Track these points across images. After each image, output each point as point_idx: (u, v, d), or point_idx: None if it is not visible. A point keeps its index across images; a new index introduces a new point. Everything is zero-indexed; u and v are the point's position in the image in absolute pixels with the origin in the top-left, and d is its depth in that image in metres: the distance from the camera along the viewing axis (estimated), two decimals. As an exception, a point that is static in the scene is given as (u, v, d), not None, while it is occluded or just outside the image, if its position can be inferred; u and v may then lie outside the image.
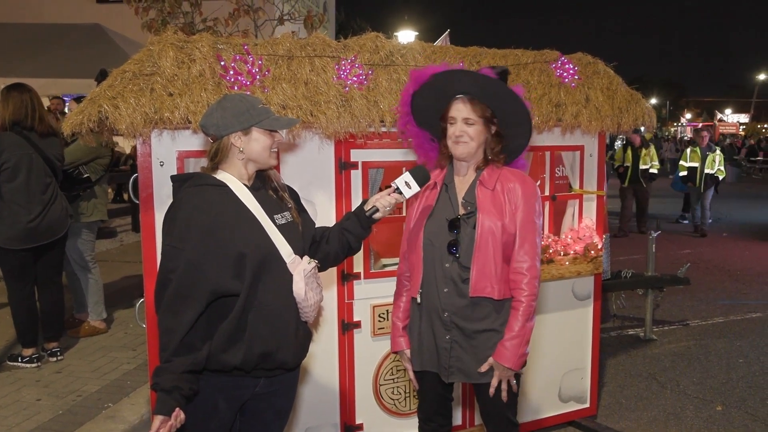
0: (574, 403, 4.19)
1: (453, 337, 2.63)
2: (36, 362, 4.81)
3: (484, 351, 2.60)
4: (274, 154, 2.39)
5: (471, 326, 2.61)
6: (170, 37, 2.97)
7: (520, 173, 2.69)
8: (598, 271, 4.03)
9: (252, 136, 2.31)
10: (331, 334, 3.43)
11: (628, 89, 3.96)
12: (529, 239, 2.57)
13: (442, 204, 2.69)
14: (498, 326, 2.60)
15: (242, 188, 2.32)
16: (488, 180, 2.63)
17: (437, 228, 2.65)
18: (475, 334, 2.61)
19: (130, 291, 6.88)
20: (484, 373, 2.61)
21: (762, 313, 7.03)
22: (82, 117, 2.73)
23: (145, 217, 2.97)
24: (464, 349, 2.62)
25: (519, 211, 2.57)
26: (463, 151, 2.61)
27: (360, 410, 3.56)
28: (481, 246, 2.55)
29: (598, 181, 4.07)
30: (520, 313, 2.55)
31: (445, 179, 2.73)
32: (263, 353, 2.28)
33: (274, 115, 2.37)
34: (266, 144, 2.33)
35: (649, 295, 6.09)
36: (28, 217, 4.59)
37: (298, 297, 2.33)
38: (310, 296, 2.36)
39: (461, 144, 2.60)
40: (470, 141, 2.60)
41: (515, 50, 3.76)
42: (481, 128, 2.61)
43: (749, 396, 4.81)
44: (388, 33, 3.37)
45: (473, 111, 2.58)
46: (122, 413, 4.02)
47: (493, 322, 2.60)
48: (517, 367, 2.57)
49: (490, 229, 2.55)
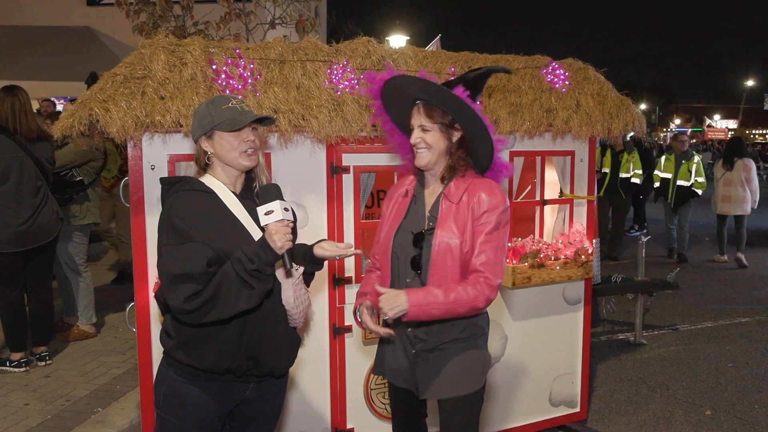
0: (565, 407, 4.20)
1: (418, 352, 2.56)
2: (24, 366, 4.77)
3: (449, 362, 2.51)
4: (245, 155, 2.29)
5: (435, 340, 2.53)
6: (161, 40, 2.97)
7: (488, 183, 2.51)
8: (588, 276, 4.05)
9: (215, 140, 2.29)
10: (322, 338, 3.43)
11: (618, 95, 3.99)
12: (485, 251, 2.43)
13: (411, 216, 2.59)
14: (462, 335, 2.53)
15: (229, 195, 2.31)
16: (453, 193, 2.50)
17: (404, 241, 2.56)
18: (442, 346, 2.53)
19: (121, 295, 6.84)
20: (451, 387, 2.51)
21: (750, 317, 7.07)
22: (72, 120, 2.72)
23: (136, 221, 2.96)
24: (429, 363, 2.53)
25: (482, 224, 2.44)
26: (422, 160, 2.50)
27: (351, 414, 3.55)
28: (437, 263, 2.46)
29: (588, 186, 4.10)
30: (456, 293, 2.38)
31: (415, 189, 2.64)
32: (253, 358, 2.29)
33: (241, 113, 2.27)
34: (231, 145, 2.27)
35: (639, 300, 6.12)
36: (19, 220, 4.56)
37: (287, 304, 2.34)
38: (298, 302, 2.36)
39: (419, 152, 2.50)
40: (427, 148, 2.48)
41: (506, 55, 3.78)
42: (439, 135, 2.47)
43: (738, 400, 4.84)
44: (379, 38, 3.37)
45: (428, 117, 2.46)
46: (111, 418, 3.99)
47: (461, 332, 2.53)
48: (410, 315, 2.35)
49: (447, 246, 2.45)
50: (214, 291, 2.10)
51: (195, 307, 2.09)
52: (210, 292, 2.09)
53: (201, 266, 2.10)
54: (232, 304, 2.12)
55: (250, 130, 2.30)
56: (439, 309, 2.38)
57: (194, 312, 2.11)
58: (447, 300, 2.37)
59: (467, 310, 2.42)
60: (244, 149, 2.28)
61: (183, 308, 2.10)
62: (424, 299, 2.36)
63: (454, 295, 2.38)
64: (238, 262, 2.11)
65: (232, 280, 2.10)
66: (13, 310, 4.76)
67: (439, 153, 2.49)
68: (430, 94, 2.45)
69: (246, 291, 2.11)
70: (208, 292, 2.09)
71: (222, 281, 2.10)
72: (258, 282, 2.12)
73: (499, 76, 3.60)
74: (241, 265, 2.10)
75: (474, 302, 2.40)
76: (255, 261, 2.09)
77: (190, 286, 2.09)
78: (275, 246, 2.11)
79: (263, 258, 2.10)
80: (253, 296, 2.14)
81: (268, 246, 2.11)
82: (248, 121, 2.26)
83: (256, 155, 2.32)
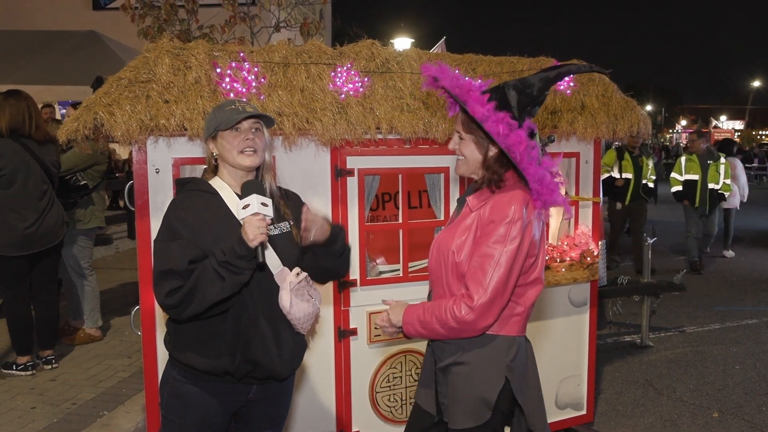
0: (571, 410, 4.18)
1: (436, 371, 2.41)
2: (30, 370, 4.79)
3: (443, 386, 2.36)
4: (244, 155, 2.30)
5: (439, 357, 2.38)
6: (166, 44, 2.98)
7: (513, 194, 2.24)
8: (594, 278, 4.03)
9: (218, 141, 2.33)
10: (327, 341, 3.42)
11: (623, 96, 3.98)
12: (477, 267, 2.20)
13: (453, 217, 2.47)
14: (464, 361, 2.29)
15: (232, 196, 2.33)
16: (474, 200, 2.33)
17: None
18: (443, 368, 2.35)
19: (126, 298, 6.86)
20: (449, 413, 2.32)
21: (758, 319, 7.04)
22: (77, 124, 2.73)
23: (141, 224, 2.96)
24: (443, 384, 2.37)
25: (480, 237, 2.23)
26: (458, 169, 2.39)
27: (356, 418, 3.54)
28: (432, 269, 2.39)
29: (593, 188, 4.08)
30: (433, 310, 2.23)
31: (463, 194, 2.49)
32: (251, 361, 2.29)
33: (240, 112, 2.28)
34: (230, 145, 2.30)
35: (645, 302, 6.10)
36: (25, 224, 4.58)
37: (283, 309, 2.33)
38: (299, 308, 2.33)
39: (457, 162, 2.39)
40: (463, 159, 2.34)
41: (511, 57, 3.78)
42: (473, 147, 2.30)
43: (746, 402, 4.81)
44: (384, 40, 3.38)
45: (462, 126, 2.31)
46: (117, 421, 4.00)
47: (458, 357, 2.30)
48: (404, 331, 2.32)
49: (439, 250, 2.34)
50: (193, 285, 2.15)
51: (176, 301, 2.15)
52: (189, 286, 2.15)
53: (183, 263, 2.15)
54: (207, 297, 2.16)
55: (251, 130, 2.32)
56: (426, 329, 2.26)
57: (176, 307, 2.17)
58: (430, 322, 2.24)
59: (446, 330, 2.22)
60: (242, 148, 2.30)
61: (165, 303, 2.17)
62: (410, 315, 2.29)
63: (433, 314, 2.23)
64: (213, 256, 2.16)
65: (209, 273, 2.14)
66: (19, 314, 4.77)
67: (474, 164, 2.32)
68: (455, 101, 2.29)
69: (219, 283, 2.15)
70: (187, 287, 2.15)
71: (200, 275, 2.15)
72: (229, 274, 2.15)
73: (504, 78, 3.59)
74: (215, 258, 2.15)
75: (450, 323, 2.19)
76: (227, 253, 2.13)
77: (173, 281, 2.14)
78: (247, 239, 2.13)
79: (237, 251, 2.13)
80: (225, 288, 2.16)
81: (242, 239, 2.14)
82: (241, 118, 2.28)
83: (257, 155, 2.33)
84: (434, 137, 3.38)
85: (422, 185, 3.97)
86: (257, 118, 2.35)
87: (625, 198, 8.91)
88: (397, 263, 3.66)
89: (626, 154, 8.92)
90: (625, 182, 8.89)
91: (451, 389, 2.32)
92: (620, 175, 8.90)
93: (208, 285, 2.14)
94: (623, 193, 8.90)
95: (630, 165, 8.87)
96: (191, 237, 2.20)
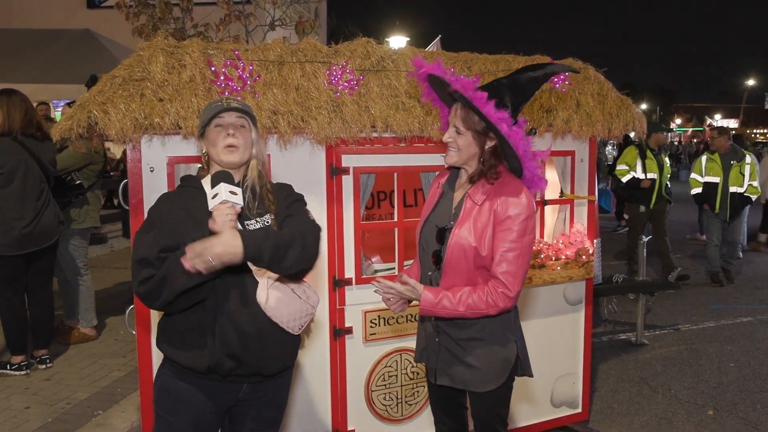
0: (566, 408, 4.19)
1: (441, 341, 2.61)
2: (25, 369, 4.77)
3: (468, 358, 2.55)
4: (226, 150, 2.30)
5: (456, 334, 2.56)
6: (160, 42, 2.96)
7: (515, 187, 2.47)
8: (589, 276, 4.04)
9: (206, 138, 2.35)
10: (322, 340, 3.42)
11: (619, 94, 3.98)
12: (506, 260, 2.41)
13: (439, 209, 2.63)
14: (484, 335, 2.54)
15: None
16: (476, 193, 2.49)
17: (429, 234, 2.61)
18: (461, 342, 2.56)
19: (121, 298, 6.84)
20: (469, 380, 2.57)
21: (753, 317, 7.06)
22: (71, 123, 2.72)
23: (135, 223, 2.95)
24: (452, 354, 2.59)
25: (502, 231, 2.42)
26: (450, 159, 2.52)
27: (352, 416, 3.54)
28: (450, 263, 2.48)
29: (589, 186, 4.09)
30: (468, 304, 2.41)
31: (446, 184, 2.67)
32: (232, 357, 2.27)
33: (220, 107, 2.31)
34: (214, 140, 2.31)
35: (641, 300, 6.11)
36: (22, 222, 4.56)
37: (261, 305, 2.30)
38: (279, 304, 2.30)
39: (449, 152, 2.51)
40: (457, 151, 2.48)
41: (506, 56, 3.77)
42: (471, 140, 2.45)
43: (740, 400, 4.83)
44: (379, 38, 3.37)
45: (462, 122, 2.45)
46: (112, 421, 3.99)
47: (479, 331, 2.53)
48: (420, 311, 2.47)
49: (461, 247, 2.45)
50: (164, 273, 2.16)
51: (148, 290, 2.17)
52: (161, 274, 2.16)
53: (154, 252, 2.18)
54: (175, 285, 2.15)
55: (235, 126, 2.32)
56: (449, 315, 2.45)
57: (147, 295, 2.19)
58: (457, 310, 2.42)
59: (478, 316, 2.46)
60: (224, 144, 2.31)
61: (138, 291, 2.20)
62: (435, 305, 2.43)
63: (465, 305, 2.42)
64: (184, 245, 2.15)
65: (178, 263, 2.13)
66: (14, 313, 4.76)
67: (468, 156, 2.49)
68: (465, 102, 2.42)
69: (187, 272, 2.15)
70: (159, 275, 2.16)
71: (170, 265, 2.15)
72: None
73: (500, 76, 3.59)
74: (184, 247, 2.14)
75: (486, 311, 2.44)
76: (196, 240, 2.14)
77: (145, 270, 2.17)
78: (215, 226, 2.13)
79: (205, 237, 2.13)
80: (194, 277, 2.14)
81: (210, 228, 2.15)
82: (218, 111, 2.30)
83: (239, 152, 2.33)
84: (429, 135, 3.38)
85: (418, 183, 3.98)
86: (233, 111, 2.34)
87: (650, 200, 8.10)
88: (393, 262, 3.66)
89: (648, 152, 8.14)
90: (651, 183, 8.08)
91: (478, 357, 2.54)
92: (645, 175, 8.09)
93: (178, 275, 2.13)
94: (648, 195, 8.10)
95: (654, 164, 8.08)
96: (166, 228, 2.22)
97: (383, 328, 3.53)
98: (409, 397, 3.69)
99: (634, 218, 8.38)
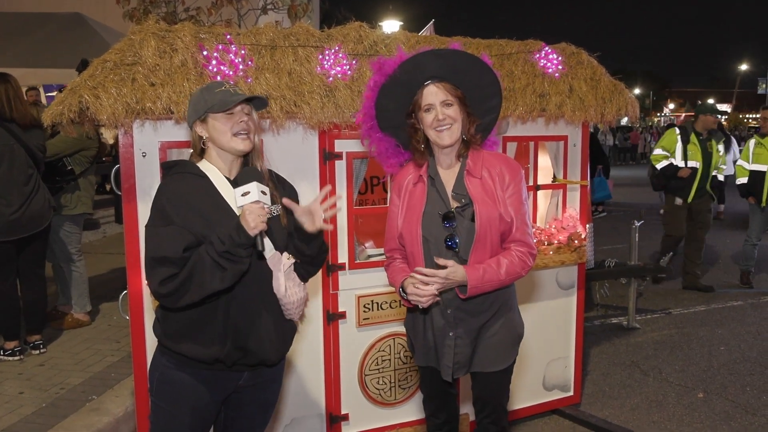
0: (558, 391, 4.23)
1: (458, 334, 2.58)
2: (18, 355, 4.77)
3: (487, 338, 2.60)
4: (237, 139, 2.27)
5: (477, 321, 2.58)
6: (152, 26, 2.94)
7: (501, 156, 2.66)
8: (581, 261, 4.06)
9: (209, 123, 2.28)
10: (316, 324, 3.43)
11: (612, 79, 3.98)
12: (524, 222, 2.55)
13: (432, 198, 2.58)
14: (493, 308, 2.58)
15: (222, 180, 2.31)
16: (474, 168, 2.56)
17: (431, 225, 2.55)
18: (480, 329, 2.59)
19: (114, 283, 6.84)
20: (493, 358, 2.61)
21: (743, 301, 7.11)
22: (62, 107, 2.70)
23: (128, 209, 2.95)
24: (470, 343, 2.59)
25: (511, 195, 2.53)
26: (451, 137, 2.51)
27: (345, 401, 3.56)
28: (480, 237, 2.49)
29: (581, 171, 4.10)
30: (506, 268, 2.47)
31: (429, 172, 2.62)
32: (241, 348, 2.28)
33: (233, 95, 2.25)
34: (223, 128, 2.26)
35: (632, 284, 6.14)
36: (10, 209, 4.53)
37: (278, 293, 2.32)
38: (291, 293, 2.33)
39: (446, 129, 2.50)
40: (454, 123, 2.50)
41: (499, 40, 3.76)
42: (459, 108, 2.53)
43: (730, 383, 4.88)
44: (372, 23, 3.34)
45: (448, 92, 2.51)
46: (106, 405, 4.00)
47: (491, 307, 2.59)
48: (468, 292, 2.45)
49: (489, 218, 2.49)
50: (189, 273, 2.12)
51: (170, 290, 2.12)
52: (185, 274, 2.12)
53: (178, 251, 2.13)
54: (206, 286, 2.13)
55: (244, 113, 2.29)
56: (493, 286, 2.49)
57: (170, 295, 2.14)
58: (500, 278, 2.48)
59: (514, 280, 2.57)
60: (236, 131, 2.27)
61: (159, 291, 2.14)
62: (482, 280, 2.45)
63: (505, 271, 2.48)
64: (210, 245, 2.13)
65: (206, 263, 2.11)
66: (6, 299, 4.75)
67: (462, 126, 2.55)
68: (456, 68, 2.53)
69: (219, 273, 2.13)
70: (182, 275, 2.12)
71: (196, 264, 2.12)
72: (230, 263, 2.13)
73: (492, 60, 3.58)
74: (212, 247, 2.12)
75: (521, 273, 2.53)
76: (226, 242, 2.11)
77: (167, 269, 2.12)
78: (248, 227, 2.11)
79: (236, 239, 2.11)
80: (227, 277, 2.14)
81: (242, 227, 2.12)
82: (238, 101, 2.24)
83: (250, 139, 2.30)
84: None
85: (411, 169, 3.96)
86: (252, 101, 2.33)
87: (689, 193, 7.05)
88: (386, 247, 3.66)
89: (693, 136, 7.09)
90: (691, 172, 7.07)
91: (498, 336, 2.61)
92: (685, 163, 7.06)
93: (207, 275, 2.11)
94: (687, 186, 7.06)
95: (698, 151, 7.02)
96: (183, 222, 2.16)
97: (376, 312, 3.55)
98: (402, 381, 3.71)
99: (670, 213, 7.40)
